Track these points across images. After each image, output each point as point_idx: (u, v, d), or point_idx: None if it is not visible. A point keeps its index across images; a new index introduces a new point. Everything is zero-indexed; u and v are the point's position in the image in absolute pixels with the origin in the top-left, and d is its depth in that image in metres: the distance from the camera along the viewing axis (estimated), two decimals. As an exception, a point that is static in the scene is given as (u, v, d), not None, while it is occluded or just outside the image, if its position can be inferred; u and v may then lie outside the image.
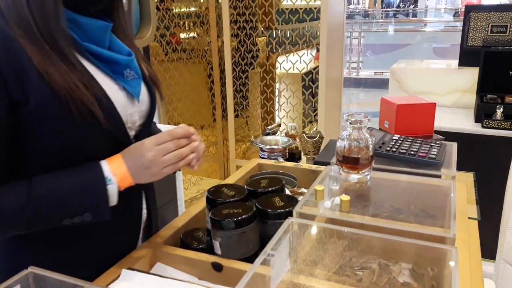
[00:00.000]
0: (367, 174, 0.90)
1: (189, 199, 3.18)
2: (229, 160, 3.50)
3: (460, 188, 1.14)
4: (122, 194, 0.82)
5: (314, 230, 0.74)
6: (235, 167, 3.45)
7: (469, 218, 1.00)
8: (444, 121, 2.20)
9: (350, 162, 0.88)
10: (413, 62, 2.81)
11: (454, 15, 15.80)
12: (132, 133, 0.85)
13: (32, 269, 0.61)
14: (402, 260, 0.89)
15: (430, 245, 0.63)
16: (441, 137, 1.24)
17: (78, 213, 0.73)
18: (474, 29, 2.33)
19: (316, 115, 3.04)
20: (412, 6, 21.73)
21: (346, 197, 0.78)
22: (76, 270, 0.69)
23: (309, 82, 3.10)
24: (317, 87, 2.95)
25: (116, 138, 0.80)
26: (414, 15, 19.47)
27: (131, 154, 0.79)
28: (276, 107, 3.34)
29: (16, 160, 0.76)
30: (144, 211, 0.94)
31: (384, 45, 10.84)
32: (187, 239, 0.94)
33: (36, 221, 0.72)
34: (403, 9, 21.63)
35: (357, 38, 8.96)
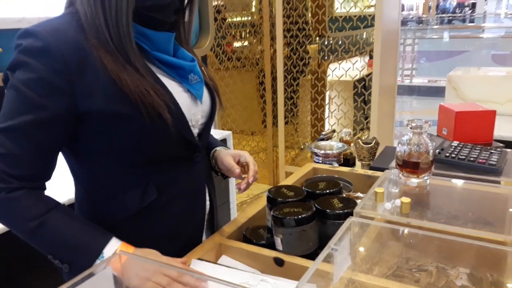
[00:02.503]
0: (427, 179, 0.92)
1: (240, 203, 3.26)
2: (278, 166, 3.56)
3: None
4: (190, 187, 0.93)
5: (374, 229, 0.77)
6: (284, 173, 3.50)
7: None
8: (504, 129, 2.14)
9: (410, 166, 0.91)
10: (470, 70, 2.74)
11: (515, 20, 15.04)
12: (195, 131, 0.94)
13: (121, 252, 0.69)
14: (460, 265, 0.89)
15: (490, 246, 0.64)
16: (501, 144, 1.23)
17: (60, 259, 0.80)
18: (538, 35, 2.25)
19: (368, 122, 3.03)
20: (469, 12, 20.90)
21: (406, 199, 0.81)
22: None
23: (361, 89, 3.10)
24: (369, 94, 2.95)
25: (181, 135, 0.88)
26: (472, 21, 18.70)
27: (141, 260, 0.78)
28: (327, 114, 3.36)
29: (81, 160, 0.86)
30: (208, 203, 1.02)
31: (439, 52, 10.51)
32: (250, 235, 1.00)
33: (33, 238, 0.80)
34: (459, 14, 20.85)
35: (411, 45, 8.75)
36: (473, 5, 20.64)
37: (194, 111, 0.92)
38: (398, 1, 3.09)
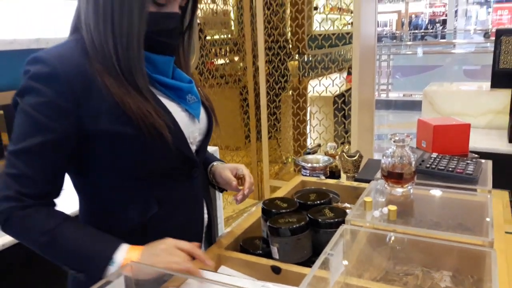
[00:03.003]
0: (410, 188, 1.00)
1: (226, 218, 3.29)
2: (263, 181, 3.62)
3: (496, 203, 1.21)
4: (188, 200, 0.98)
5: (364, 236, 0.84)
6: (269, 187, 3.56)
7: (506, 232, 1.07)
8: (478, 141, 2.26)
9: (395, 177, 0.98)
10: (444, 85, 2.88)
11: (484, 36, 15.66)
12: (193, 147, 0.99)
13: (132, 262, 0.73)
14: (443, 268, 0.97)
15: (470, 248, 0.72)
16: (476, 155, 1.32)
17: (75, 269, 0.84)
18: (506, 52, 2.40)
19: (348, 136, 3.13)
20: (440, 28, 21.63)
21: (393, 207, 0.88)
22: None
23: (341, 104, 3.20)
24: (349, 109, 3.05)
25: (181, 152, 0.94)
26: (443, 37, 19.36)
27: (152, 243, 0.86)
28: (308, 129, 3.45)
29: (84, 178, 0.91)
30: (206, 216, 1.07)
31: (413, 67, 10.84)
32: (246, 245, 1.05)
33: (46, 251, 0.84)
34: (431, 30, 21.56)
35: (386, 61, 9.02)
36: (444, 22, 21.39)
37: (192, 129, 0.97)
38: (374, 18, 3.23)
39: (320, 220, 1.00)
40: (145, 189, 0.93)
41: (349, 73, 3.19)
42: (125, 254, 0.82)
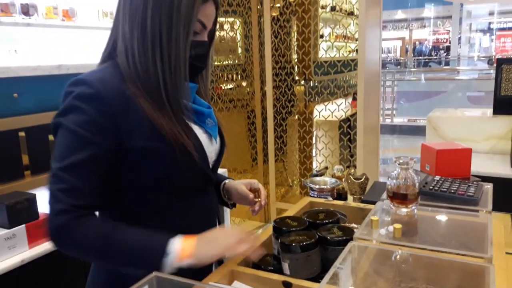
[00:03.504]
0: (414, 209, 1.06)
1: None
2: (269, 203, 3.67)
3: (497, 225, 1.26)
4: (204, 215, 1.05)
5: (371, 252, 0.89)
6: (275, 209, 3.60)
7: (507, 253, 1.12)
8: (481, 166, 2.31)
9: (399, 197, 1.04)
10: (448, 111, 2.95)
11: (488, 63, 15.82)
12: (210, 166, 1.07)
13: (156, 273, 0.79)
14: (446, 286, 1.01)
15: (470, 263, 0.77)
16: (478, 178, 1.38)
17: (132, 267, 0.89)
18: (507, 80, 2.48)
19: (354, 159, 3.19)
20: (444, 54, 21.88)
21: (398, 225, 0.94)
22: None
23: (347, 128, 3.28)
24: (355, 134, 3.13)
25: (202, 169, 1.02)
26: (447, 63, 19.56)
27: (208, 232, 0.94)
28: (314, 153, 3.51)
29: (114, 191, 0.96)
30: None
31: (417, 92, 10.96)
32: (258, 262, 1.11)
33: (105, 253, 0.89)
34: (435, 57, 21.81)
35: (390, 86, 9.14)
36: (448, 48, 21.65)
37: (210, 150, 1.06)
38: (378, 46, 3.34)
39: (329, 237, 1.05)
40: (167, 203, 1.00)
41: (354, 99, 3.28)
42: (180, 245, 0.88)
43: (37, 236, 1.57)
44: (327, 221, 1.16)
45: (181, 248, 0.88)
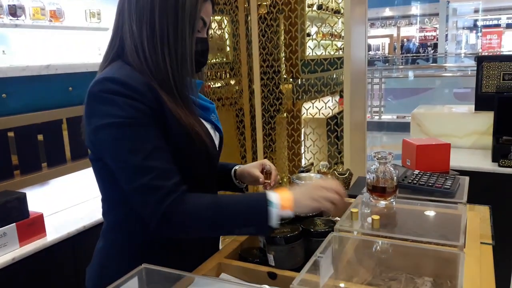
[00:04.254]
0: (393, 201, 1.11)
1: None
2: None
3: (474, 216, 1.31)
4: None
5: (351, 243, 0.94)
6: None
7: (482, 242, 1.17)
8: (463, 161, 2.37)
9: (378, 190, 1.09)
10: (433, 107, 3.02)
11: (475, 60, 16.01)
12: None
13: (145, 265, 0.83)
14: (425, 274, 1.06)
15: (443, 251, 0.82)
16: (456, 172, 1.43)
17: (243, 225, 0.95)
18: (487, 77, 2.55)
19: (341, 156, 3.24)
20: (432, 51, 22.10)
21: (376, 216, 0.98)
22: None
23: (334, 126, 3.33)
24: (342, 131, 3.18)
25: (211, 158, 1.08)
26: (434, 61, 19.76)
27: (301, 185, 1.03)
28: (303, 150, 3.56)
29: None
30: None
31: (405, 89, 11.08)
32: (245, 254, 1.15)
33: (217, 220, 0.93)
34: (423, 54, 22.02)
35: (378, 84, 9.23)
36: (435, 46, 21.87)
37: (216, 142, 1.13)
38: (364, 43, 3.39)
39: (312, 229, 1.10)
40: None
41: (341, 96, 3.33)
42: (278, 195, 0.94)
43: (27, 235, 1.59)
44: (310, 214, 1.20)
45: (280, 198, 0.94)
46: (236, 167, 1.27)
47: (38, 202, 1.74)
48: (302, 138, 3.56)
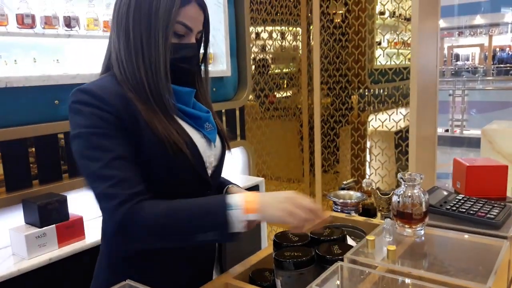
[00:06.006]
0: (420, 230, 0.96)
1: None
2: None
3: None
4: None
5: (361, 275, 0.83)
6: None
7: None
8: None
9: (404, 217, 0.96)
10: (506, 123, 2.71)
11: None
12: (209, 171, 1.07)
13: (128, 281, 0.79)
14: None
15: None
16: (514, 199, 1.23)
17: (202, 231, 0.89)
18: None
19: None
20: (529, 62, 20.20)
21: (392, 247, 0.86)
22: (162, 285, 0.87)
23: (399, 140, 3.12)
24: (407, 145, 2.96)
25: (198, 173, 1.02)
26: (532, 71, 18.03)
27: (270, 193, 0.95)
28: (368, 166, 3.38)
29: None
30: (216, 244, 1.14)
31: (493, 103, 10.24)
32: (255, 276, 1.07)
33: (174, 227, 0.88)
34: (518, 65, 20.17)
35: (460, 96, 8.60)
36: (533, 55, 19.96)
37: (208, 154, 1.06)
38: (435, 54, 3.16)
39: (327, 256, 0.99)
40: None
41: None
42: (242, 198, 0.89)
43: (66, 236, 1.65)
44: (330, 238, 1.10)
45: (244, 200, 0.89)
46: (230, 186, 1.19)
47: (80, 205, 1.81)
48: (368, 153, 3.38)
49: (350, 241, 1.18)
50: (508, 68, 19.22)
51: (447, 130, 8.35)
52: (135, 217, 0.87)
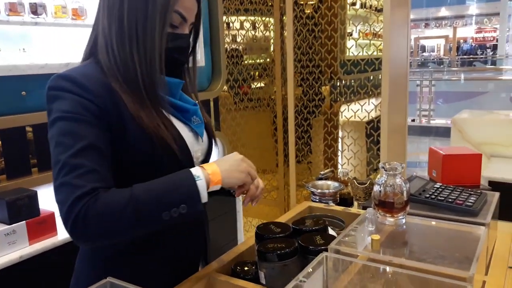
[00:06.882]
0: (402, 218, 0.98)
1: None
2: (289, 205, 3.60)
3: (504, 237, 1.15)
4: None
5: (345, 264, 0.83)
6: (296, 211, 3.53)
7: (510, 267, 1.02)
8: (503, 171, 2.15)
9: (385, 206, 0.97)
10: (476, 112, 2.79)
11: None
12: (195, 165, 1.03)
13: (110, 279, 0.76)
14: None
15: (446, 281, 0.69)
16: (488, 187, 1.27)
17: (174, 205, 0.84)
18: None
19: (378, 162, 3.07)
20: (491, 53, 20.91)
21: (376, 236, 0.86)
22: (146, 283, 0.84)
23: (370, 130, 3.16)
24: (378, 135, 3.01)
25: (185, 167, 0.97)
26: (493, 63, 18.68)
27: (223, 158, 0.97)
28: (340, 155, 3.41)
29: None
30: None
31: (458, 93, 10.54)
32: (238, 269, 1.06)
33: (139, 217, 0.82)
34: (480, 56, 20.86)
35: (427, 86, 8.81)
36: (495, 47, 20.68)
37: (196, 148, 1.04)
38: (406, 44, 3.20)
39: (309, 247, 0.99)
40: None
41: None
42: (203, 169, 0.90)
43: (37, 233, 1.59)
44: (312, 228, 1.10)
45: (208, 172, 0.89)
46: None
47: (51, 200, 1.74)
48: (340, 143, 3.41)
49: (330, 231, 1.18)
50: (472, 59, 19.84)
51: (413, 120, 8.54)
52: (95, 208, 0.80)
